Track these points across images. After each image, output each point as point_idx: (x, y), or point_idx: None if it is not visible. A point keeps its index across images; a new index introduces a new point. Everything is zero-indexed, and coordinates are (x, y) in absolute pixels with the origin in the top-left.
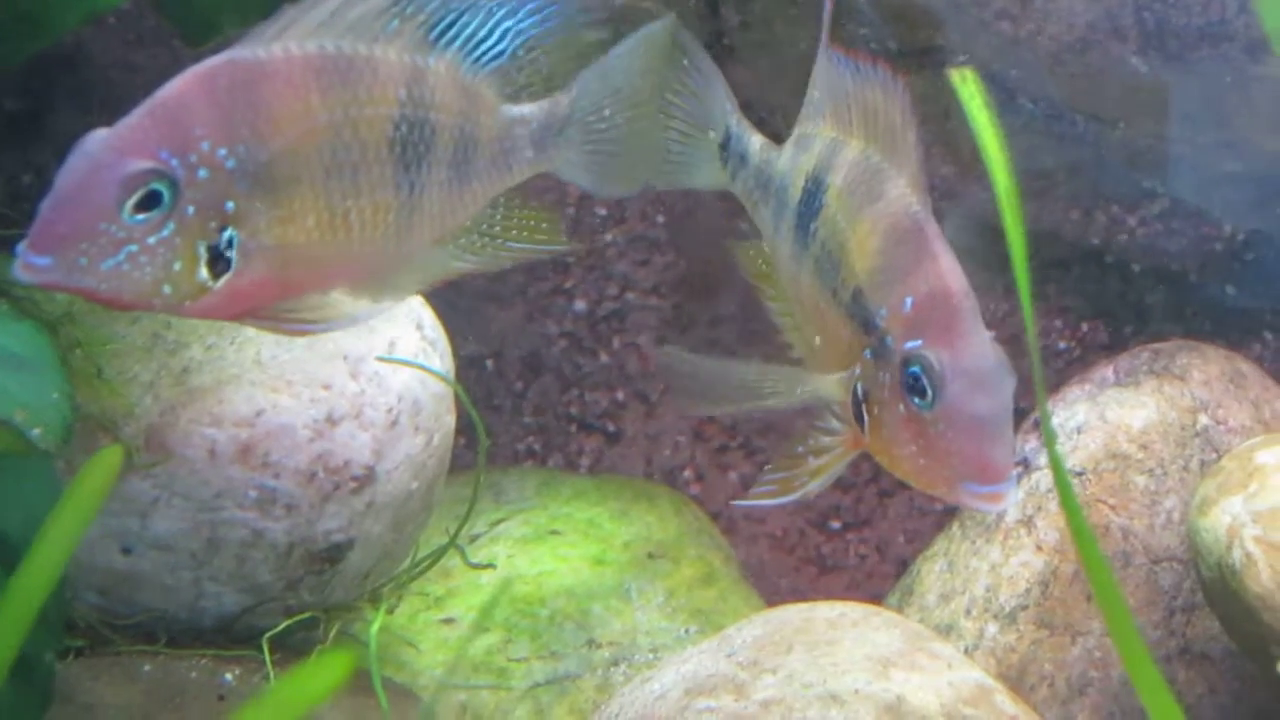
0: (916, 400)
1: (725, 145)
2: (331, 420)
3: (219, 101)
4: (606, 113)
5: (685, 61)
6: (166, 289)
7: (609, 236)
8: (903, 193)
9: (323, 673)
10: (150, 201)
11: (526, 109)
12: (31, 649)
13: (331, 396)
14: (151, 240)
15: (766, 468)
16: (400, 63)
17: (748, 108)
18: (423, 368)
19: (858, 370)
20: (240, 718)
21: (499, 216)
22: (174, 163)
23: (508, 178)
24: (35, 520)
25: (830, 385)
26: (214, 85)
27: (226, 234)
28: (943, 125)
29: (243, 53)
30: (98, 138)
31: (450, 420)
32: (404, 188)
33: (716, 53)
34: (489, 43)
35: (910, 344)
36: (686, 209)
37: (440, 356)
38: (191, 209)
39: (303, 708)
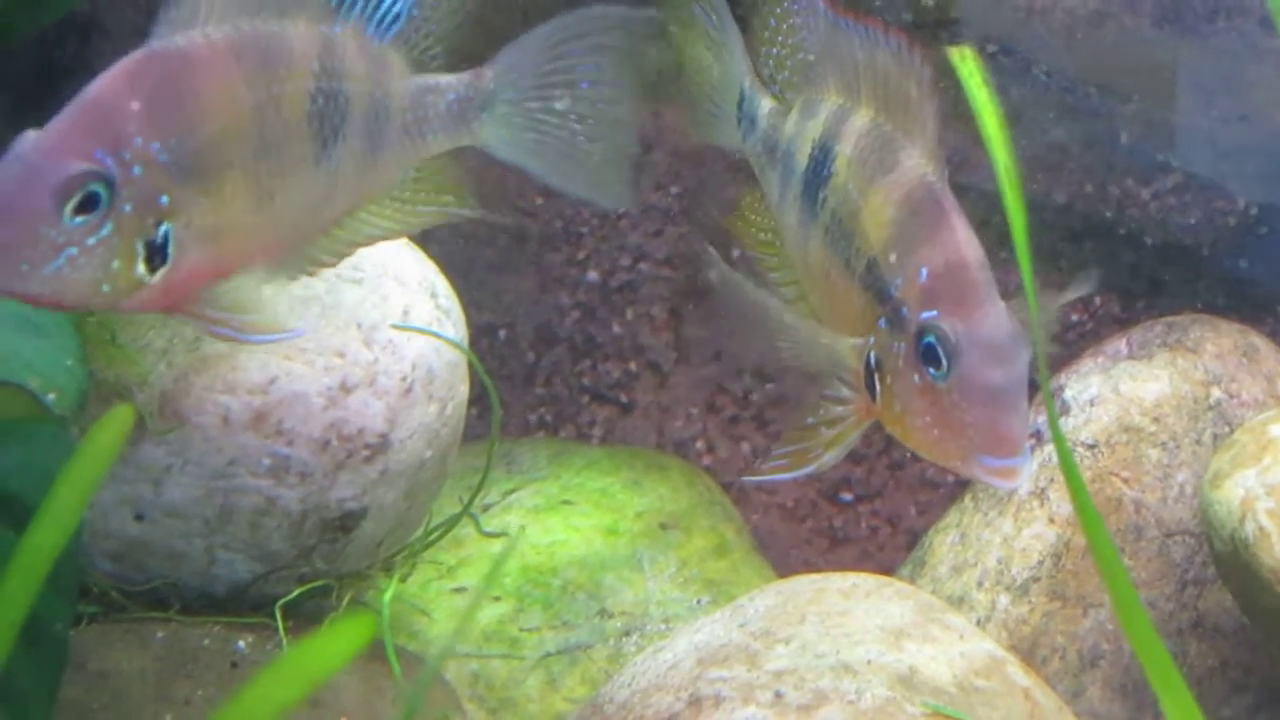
0: (931, 370)
1: (740, 106)
2: (345, 388)
3: (148, 95)
4: (553, 96)
5: (712, 20)
6: (105, 288)
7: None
8: (917, 163)
9: (339, 640)
10: (89, 203)
11: (442, 79)
12: (44, 614)
13: (345, 364)
14: (91, 241)
15: (778, 441)
16: (312, 34)
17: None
18: (437, 335)
19: (871, 339)
20: (256, 685)
21: (409, 182)
22: (109, 162)
23: (421, 148)
24: (51, 486)
25: (844, 352)
26: (141, 79)
27: (163, 229)
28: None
29: (164, 43)
30: (30, 140)
31: (464, 389)
32: (323, 160)
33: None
34: (385, 5)
35: (926, 314)
36: (700, 180)
37: (454, 325)
38: (129, 206)
39: (320, 675)
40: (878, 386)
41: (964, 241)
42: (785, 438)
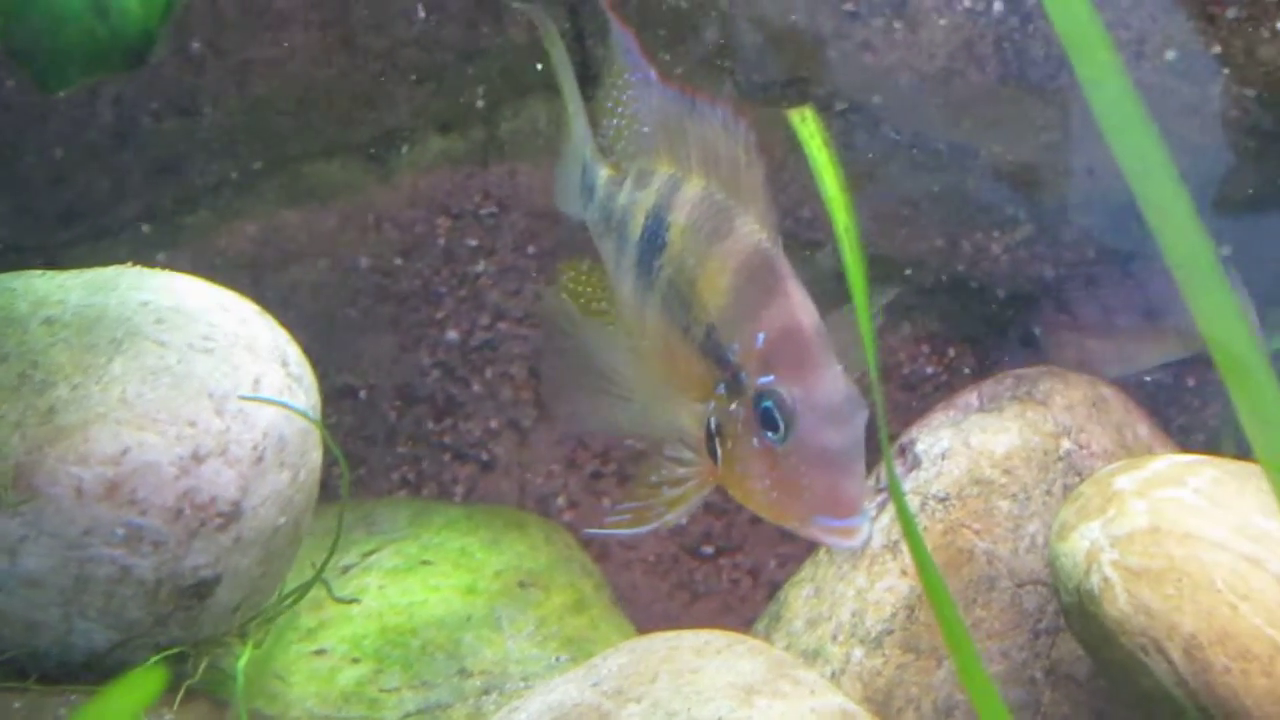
0: (769, 434)
1: (581, 176)
2: (197, 457)
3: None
4: None
5: (558, 80)
6: None
7: (480, 266)
8: (752, 229)
9: (123, 696)
10: None
11: None
12: None
13: (197, 434)
14: None
15: (623, 496)
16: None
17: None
18: (285, 405)
19: (711, 404)
20: None
21: None
22: None
23: None
24: None
25: (685, 418)
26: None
27: None
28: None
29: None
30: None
31: (316, 455)
32: None
33: (584, 86)
34: None
35: (763, 379)
36: (557, 240)
37: (305, 392)
38: None
39: None
40: (719, 450)
41: (799, 306)
42: (630, 493)
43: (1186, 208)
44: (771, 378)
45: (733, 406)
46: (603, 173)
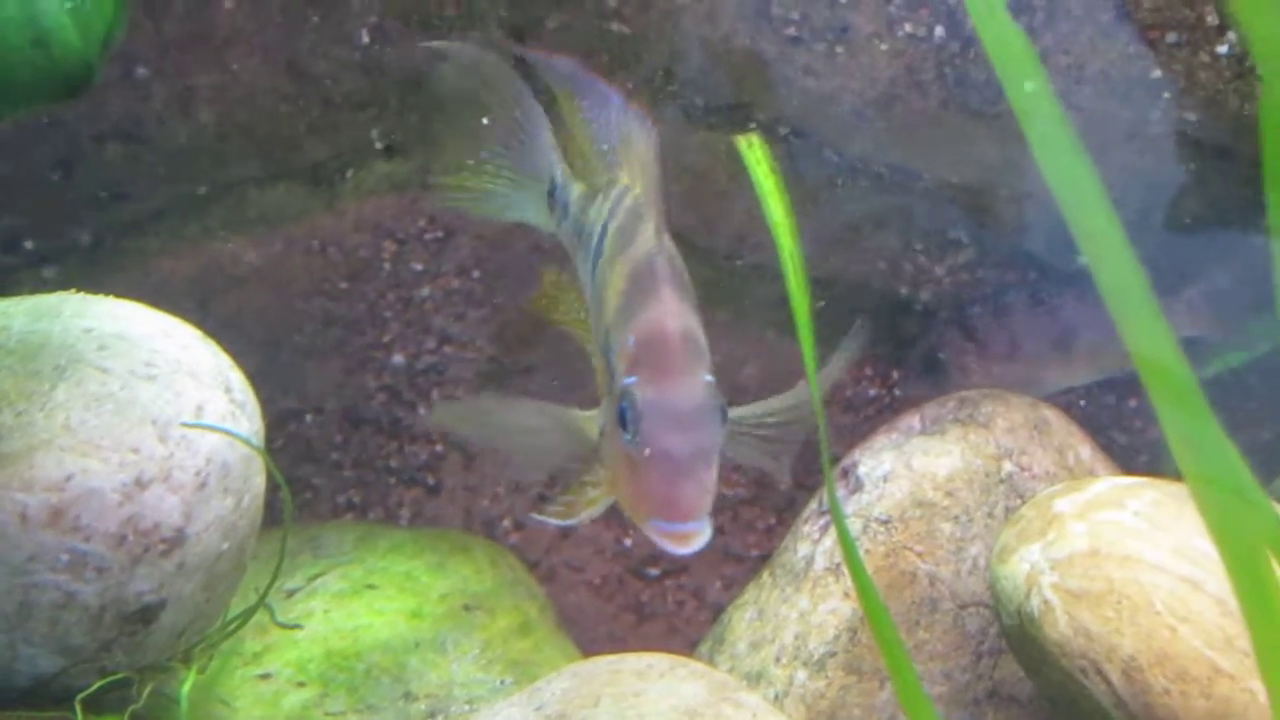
0: (625, 434)
1: (552, 194)
2: (140, 483)
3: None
4: None
5: (516, 111)
6: None
7: (425, 291)
8: (648, 235)
9: None
10: None
11: None
12: None
13: (140, 460)
14: None
15: (559, 492)
16: None
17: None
18: (227, 432)
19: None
20: None
21: None
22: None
23: None
24: None
25: (587, 422)
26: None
27: None
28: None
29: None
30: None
31: (260, 481)
32: None
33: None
34: None
35: (627, 380)
36: (502, 264)
37: (249, 418)
38: None
39: None
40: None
41: (670, 312)
42: (567, 488)
43: (1118, 233)
44: (633, 379)
45: (609, 407)
46: (575, 189)
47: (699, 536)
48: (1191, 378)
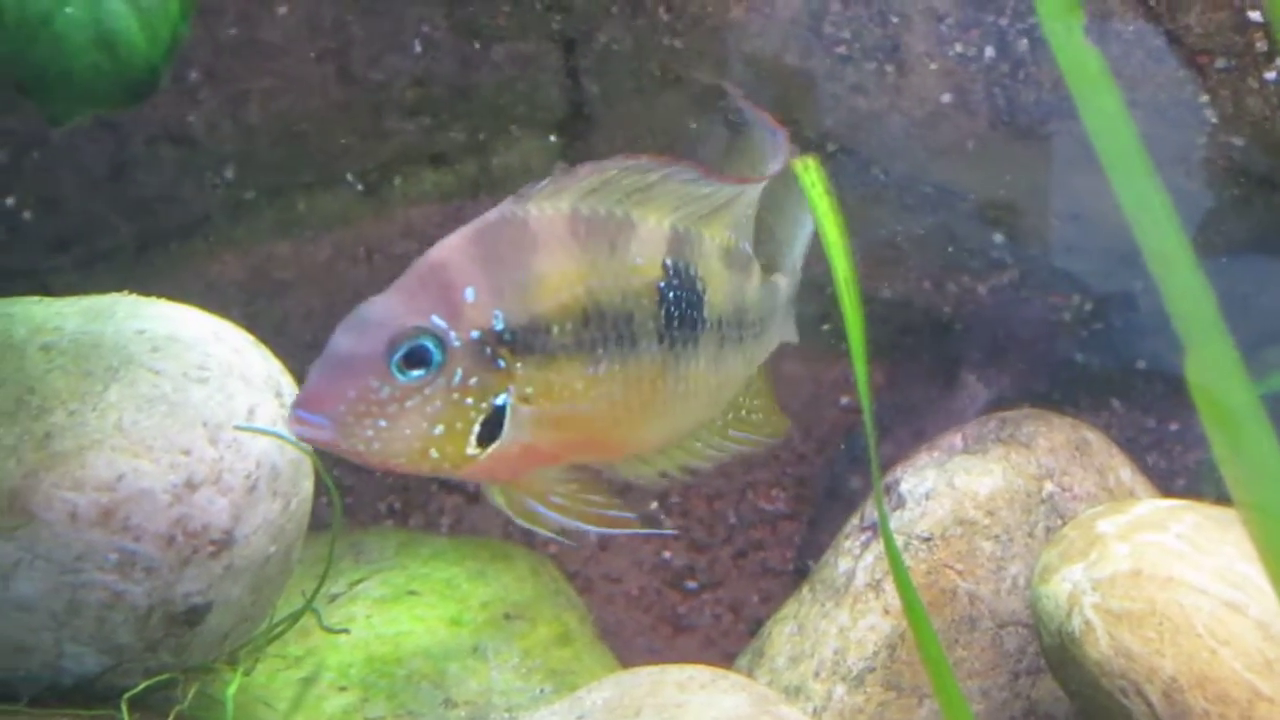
0: None
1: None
2: (191, 485)
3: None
4: None
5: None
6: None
7: None
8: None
9: None
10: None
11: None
12: None
13: (191, 462)
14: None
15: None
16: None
17: None
18: (279, 436)
19: None
20: None
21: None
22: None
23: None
24: None
25: None
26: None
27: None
28: None
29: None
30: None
31: (308, 485)
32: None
33: (577, 123)
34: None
35: None
36: None
37: None
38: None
39: None
40: None
41: (440, 244)
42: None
43: (1187, 255)
44: None
45: None
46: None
47: (307, 426)
48: (1255, 403)
